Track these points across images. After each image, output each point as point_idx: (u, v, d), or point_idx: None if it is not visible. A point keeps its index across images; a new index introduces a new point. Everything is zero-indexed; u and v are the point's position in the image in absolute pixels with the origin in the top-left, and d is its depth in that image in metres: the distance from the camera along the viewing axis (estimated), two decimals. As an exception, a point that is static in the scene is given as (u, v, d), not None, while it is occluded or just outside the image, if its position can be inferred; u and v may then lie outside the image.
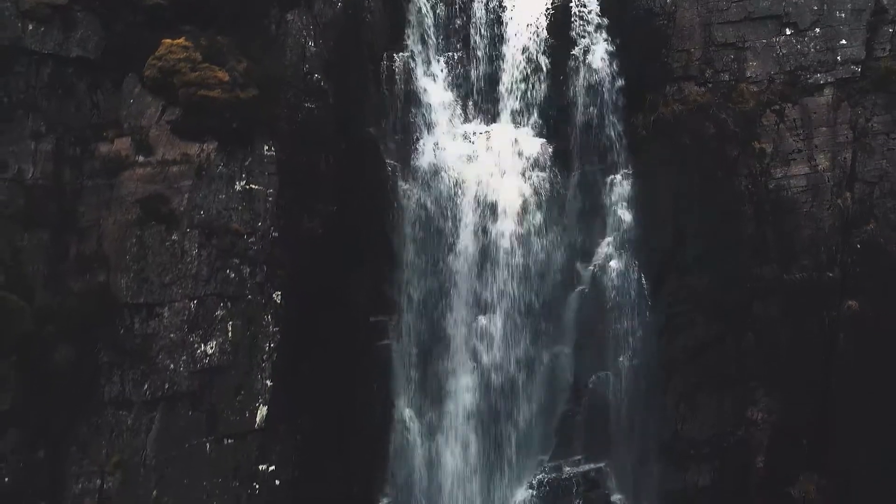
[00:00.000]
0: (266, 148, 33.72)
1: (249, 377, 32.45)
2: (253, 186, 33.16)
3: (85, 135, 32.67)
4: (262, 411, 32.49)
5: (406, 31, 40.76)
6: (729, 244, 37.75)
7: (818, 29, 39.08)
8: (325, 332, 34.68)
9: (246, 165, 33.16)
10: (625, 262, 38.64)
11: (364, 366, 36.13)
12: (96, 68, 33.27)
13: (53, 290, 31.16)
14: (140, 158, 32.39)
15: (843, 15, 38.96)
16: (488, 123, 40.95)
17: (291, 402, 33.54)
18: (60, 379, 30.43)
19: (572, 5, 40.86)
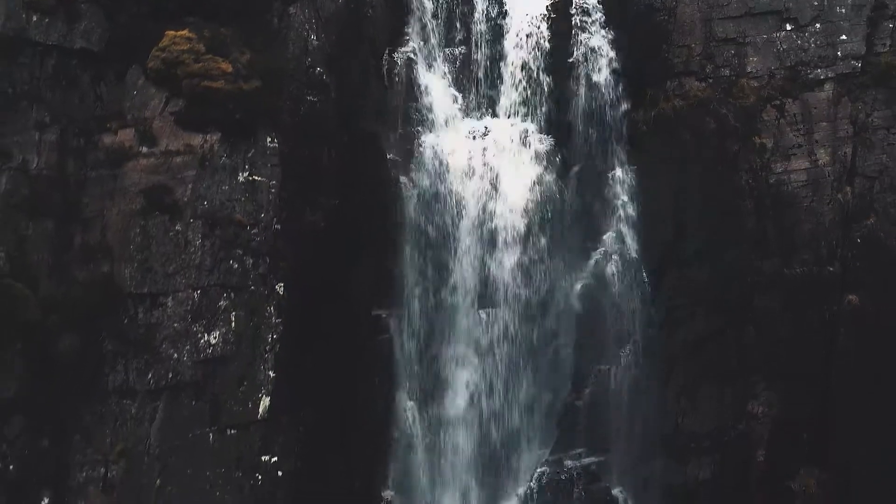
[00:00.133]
0: (269, 140, 33.77)
1: (252, 368, 32.47)
2: (256, 178, 33.21)
3: (88, 126, 32.73)
4: (265, 402, 32.50)
5: (407, 27, 40.81)
6: (729, 238, 37.83)
7: (818, 24, 39.14)
8: (327, 326, 34.71)
9: (249, 157, 33.22)
10: (626, 257, 38.59)
11: (365, 359, 36.15)
12: (100, 60, 33.33)
13: (58, 280, 31.24)
14: (143, 149, 32.45)
15: (844, 10, 39.04)
16: (489, 118, 40.84)
17: (294, 394, 33.57)
18: (65, 367, 30.51)
19: (573, 0, 40.70)
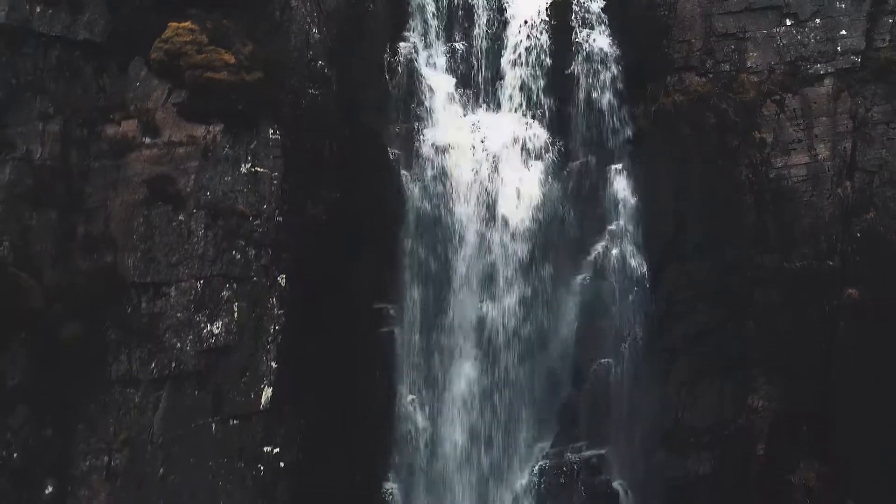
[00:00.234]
0: (271, 132, 33.85)
1: (255, 358, 32.55)
2: (258, 169, 33.29)
3: (92, 117, 32.81)
4: (268, 393, 32.56)
5: (408, 22, 40.93)
6: (730, 233, 37.95)
7: (818, 19, 39.28)
8: (329, 318, 34.79)
9: (251, 148, 33.31)
10: (626, 251, 38.71)
11: (367, 352, 36.28)
12: (103, 51, 33.41)
13: (61, 269, 31.30)
14: (146, 140, 32.54)
15: (843, 6, 39.18)
16: (490, 113, 40.96)
17: (296, 386, 33.65)
18: (68, 356, 30.56)
19: (574, -5, 40.93)
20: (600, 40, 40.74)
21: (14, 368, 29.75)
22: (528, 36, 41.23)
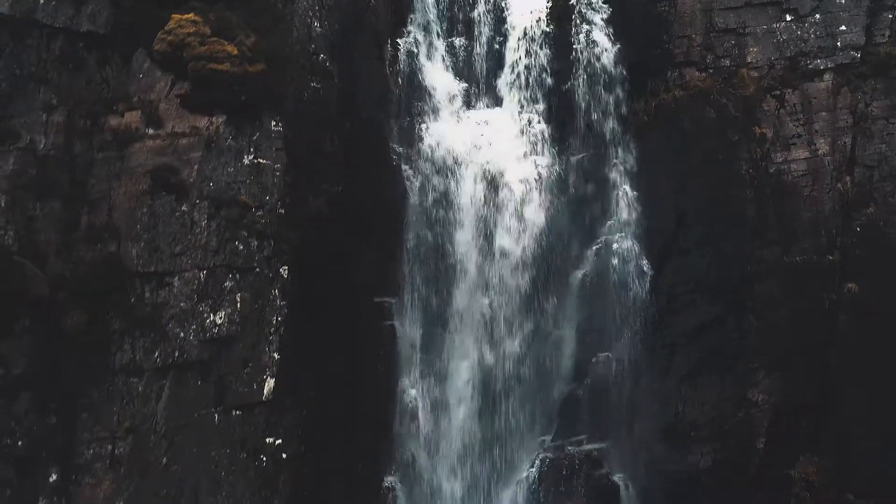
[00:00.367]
0: (273, 123, 33.88)
1: (257, 349, 32.54)
2: (261, 161, 33.31)
3: (95, 108, 32.81)
4: (270, 384, 32.56)
5: (409, 17, 41.06)
6: (730, 227, 37.96)
7: (818, 15, 39.40)
8: (331, 311, 34.81)
9: (254, 140, 33.34)
10: (626, 245, 38.75)
11: (368, 346, 36.31)
12: (106, 43, 33.40)
13: (65, 259, 31.32)
14: (150, 131, 32.54)
15: (843, 1, 39.39)
16: (491, 108, 41.13)
17: (298, 378, 33.68)
18: (72, 345, 30.55)
19: (575, -10, 41.04)
20: (601, 36, 40.63)
21: (18, 356, 29.72)
22: (529, 30, 41.22)
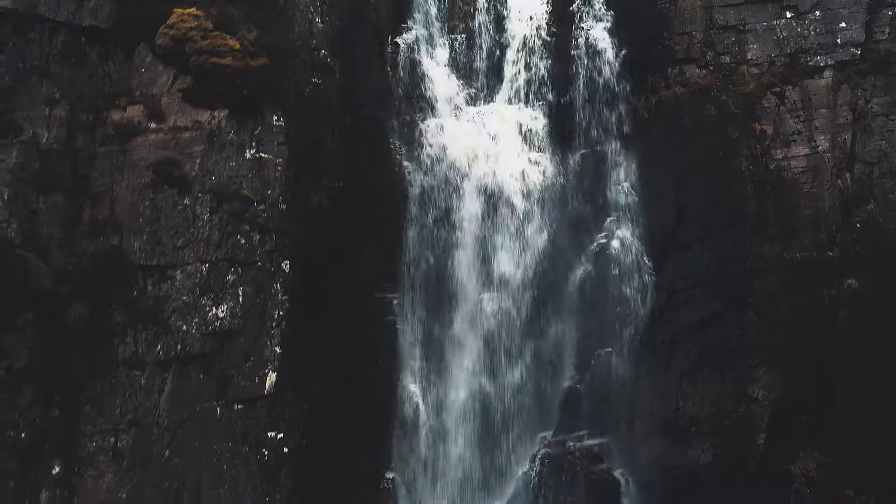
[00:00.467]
0: (275, 118, 33.94)
1: (259, 343, 32.60)
2: (263, 155, 33.36)
3: (97, 103, 32.81)
4: (272, 377, 32.63)
5: (410, 14, 41.11)
6: (730, 223, 38.12)
7: (818, 12, 39.51)
8: (332, 306, 34.90)
9: (256, 134, 33.37)
10: (627, 241, 38.89)
11: (370, 342, 36.44)
12: (108, 37, 33.40)
13: (68, 253, 31.32)
14: (152, 125, 32.57)
15: (843, -2, 39.37)
16: (491, 104, 41.22)
17: (299, 372, 33.74)
18: (75, 337, 30.54)
19: (575, -13, 41.13)
20: (601, 33, 40.75)
21: (22, 349, 29.71)
22: (529, 27, 41.38)
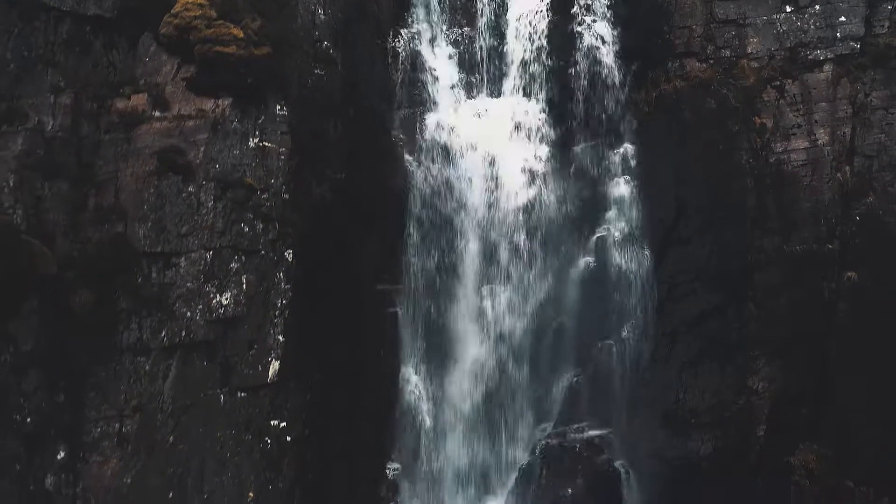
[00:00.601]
0: (278, 107, 33.97)
1: (262, 331, 32.64)
2: (266, 144, 33.40)
3: (102, 91, 32.79)
4: (275, 366, 32.66)
5: (412, 8, 41.26)
6: (730, 216, 38.24)
7: (818, 6, 39.61)
8: (334, 297, 35.00)
9: (259, 123, 33.40)
10: (628, 234, 39.09)
11: (371, 333, 36.57)
12: (112, 27, 33.39)
13: (73, 240, 31.35)
14: (156, 113, 32.56)
15: (842, -8, 39.49)
16: (493, 98, 41.31)
17: (302, 361, 33.79)
18: (80, 323, 30.59)
19: (576, -19, 41.26)
20: (602, 27, 40.88)
21: (27, 335, 29.76)
22: (530, 23, 41.51)
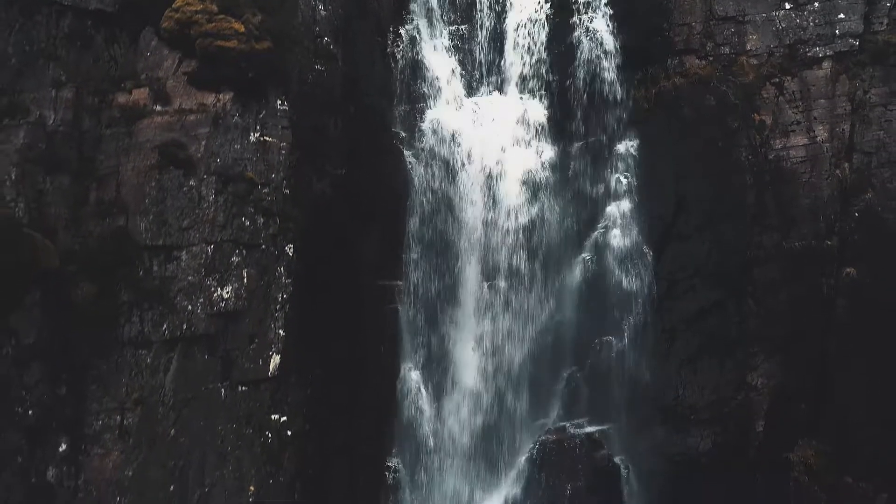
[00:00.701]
0: (279, 102, 34.03)
1: (263, 325, 32.66)
2: (267, 138, 33.45)
3: (103, 86, 32.91)
4: (275, 360, 32.66)
5: (411, 4, 41.32)
6: (729, 213, 38.18)
7: (817, 3, 39.59)
8: (334, 292, 35.01)
9: (260, 118, 33.47)
10: (627, 230, 39.01)
11: (372, 329, 36.56)
12: (114, 21, 33.50)
13: (74, 233, 31.46)
14: (158, 108, 32.67)
15: (841, -11, 39.55)
16: (492, 95, 41.38)
17: (303, 356, 33.80)
18: (82, 316, 30.69)
19: (575, -22, 41.30)
20: (601, 24, 40.95)
21: (29, 327, 29.85)
22: (530, 19, 41.59)
